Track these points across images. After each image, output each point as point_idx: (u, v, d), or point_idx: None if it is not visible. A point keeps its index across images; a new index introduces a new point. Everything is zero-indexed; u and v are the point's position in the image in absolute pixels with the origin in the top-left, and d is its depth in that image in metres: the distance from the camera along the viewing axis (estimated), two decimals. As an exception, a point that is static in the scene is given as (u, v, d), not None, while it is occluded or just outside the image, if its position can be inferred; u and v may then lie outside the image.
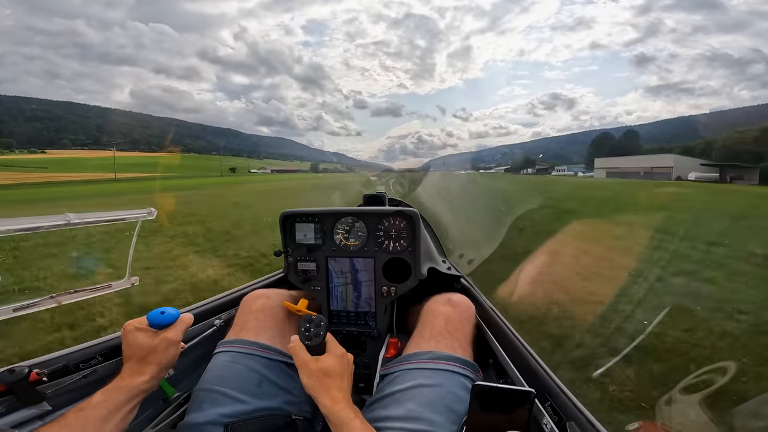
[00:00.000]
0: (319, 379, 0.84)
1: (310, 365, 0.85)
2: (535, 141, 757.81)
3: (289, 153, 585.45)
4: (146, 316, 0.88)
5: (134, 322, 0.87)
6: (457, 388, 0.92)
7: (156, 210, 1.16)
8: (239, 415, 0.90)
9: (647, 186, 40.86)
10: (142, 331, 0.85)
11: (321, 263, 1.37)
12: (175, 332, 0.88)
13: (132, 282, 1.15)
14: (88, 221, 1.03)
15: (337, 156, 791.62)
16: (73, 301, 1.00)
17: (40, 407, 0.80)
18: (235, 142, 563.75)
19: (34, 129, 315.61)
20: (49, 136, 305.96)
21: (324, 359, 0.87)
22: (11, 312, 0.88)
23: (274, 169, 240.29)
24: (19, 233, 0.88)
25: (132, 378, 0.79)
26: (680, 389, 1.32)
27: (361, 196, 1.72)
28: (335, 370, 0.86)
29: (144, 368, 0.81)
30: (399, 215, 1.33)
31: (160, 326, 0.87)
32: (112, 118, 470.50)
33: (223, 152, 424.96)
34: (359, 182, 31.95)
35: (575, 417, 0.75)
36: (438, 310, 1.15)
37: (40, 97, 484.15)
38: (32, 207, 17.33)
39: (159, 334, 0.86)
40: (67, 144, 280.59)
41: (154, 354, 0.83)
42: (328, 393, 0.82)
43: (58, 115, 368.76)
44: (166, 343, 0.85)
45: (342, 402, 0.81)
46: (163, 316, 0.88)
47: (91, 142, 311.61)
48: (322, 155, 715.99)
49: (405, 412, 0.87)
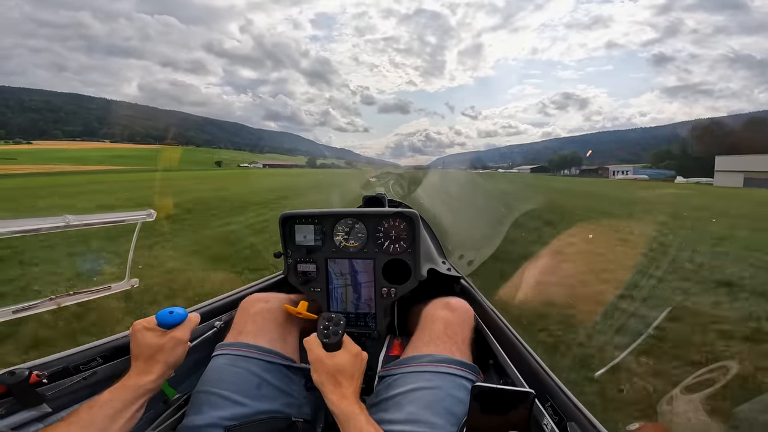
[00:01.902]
0: (330, 375, 0.84)
1: (325, 361, 0.86)
2: (546, 141, 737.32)
3: (294, 148, 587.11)
4: (155, 316, 0.88)
5: (143, 321, 0.87)
6: (457, 391, 0.92)
7: (155, 212, 1.16)
8: (239, 418, 0.90)
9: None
10: (150, 331, 0.86)
11: (321, 265, 1.37)
12: (183, 331, 0.89)
13: (132, 284, 1.15)
14: (87, 223, 1.03)
15: (343, 152, 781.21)
16: (72, 303, 1.01)
17: (40, 409, 0.80)
18: (241, 136, 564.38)
19: (30, 120, 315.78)
20: (44, 126, 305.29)
21: (339, 355, 0.88)
22: (11, 314, 0.88)
23: (267, 164, 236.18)
24: (18, 235, 0.88)
25: (139, 377, 0.80)
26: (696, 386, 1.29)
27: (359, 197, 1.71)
28: (348, 367, 0.86)
29: (152, 367, 0.82)
30: (399, 216, 1.33)
31: (169, 326, 0.88)
32: (116, 110, 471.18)
33: (227, 146, 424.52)
34: (352, 182, 25.69)
35: (575, 417, 0.75)
36: (436, 314, 1.15)
37: (45, 89, 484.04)
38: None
39: (167, 334, 0.86)
40: (59, 135, 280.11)
41: (161, 353, 0.84)
42: (338, 389, 0.83)
43: (58, 106, 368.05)
44: (174, 342, 0.86)
45: (350, 398, 0.82)
46: (171, 315, 0.88)
47: (85, 133, 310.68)
48: (328, 151, 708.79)
49: (405, 415, 0.87)
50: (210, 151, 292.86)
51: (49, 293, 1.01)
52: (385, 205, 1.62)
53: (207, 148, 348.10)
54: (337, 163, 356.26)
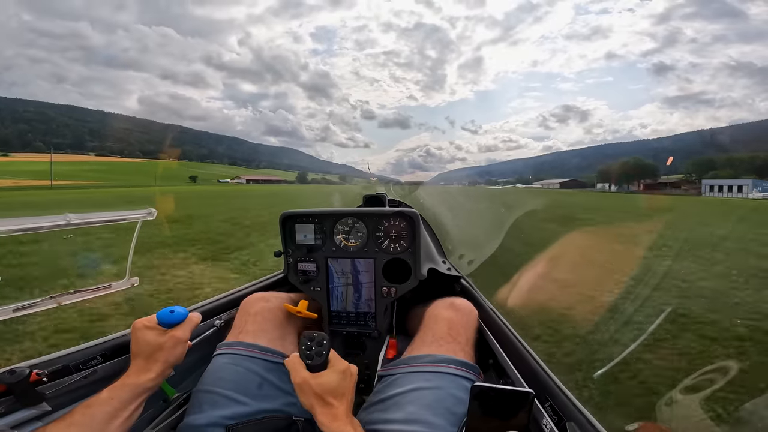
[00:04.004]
0: (318, 398, 0.78)
1: (310, 382, 0.79)
2: (546, 155, 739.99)
3: (292, 163, 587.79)
4: (156, 315, 0.88)
5: (144, 320, 0.87)
6: (457, 391, 0.92)
7: (156, 210, 1.17)
8: (240, 417, 0.90)
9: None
10: (151, 329, 0.86)
11: (321, 264, 1.37)
12: (183, 331, 0.89)
13: (132, 282, 1.15)
14: (88, 221, 1.03)
15: (345, 168, 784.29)
16: (72, 302, 1.00)
17: (39, 408, 0.80)
18: (240, 151, 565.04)
19: (19, 131, 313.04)
20: (30, 138, 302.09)
21: (325, 375, 0.80)
22: (11, 312, 0.87)
23: (250, 179, 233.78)
24: (19, 233, 0.88)
25: (138, 376, 0.80)
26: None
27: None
28: (337, 387, 0.80)
29: (151, 366, 0.82)
30: (399, 216, 1.33)
31: (170, 325, 0.88)
32: (112, 123, 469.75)
33: (222, 160, 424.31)
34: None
35: (575, 417, 0.75)
36: (441, 314, 1.15)
37: (42, 101, 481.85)
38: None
39: (167, 333, 0.87)
40: (41, 147, 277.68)
41: (161, 352, 0.84)
42: (329, 410, 0.77)
43: (51, 117, 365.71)
44: (174, 341, 0.86)
45: (342, 419, 0.77)
46: (172, 315, 0.88)
47: (73, 146, 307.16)
48: (329, 167, 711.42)
49: (405, 415, 0.87)
50: (203, 166, 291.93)
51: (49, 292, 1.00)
52: (385, 205, 1.62)
53: (197, 162, 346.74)
54: (330, 178, 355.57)
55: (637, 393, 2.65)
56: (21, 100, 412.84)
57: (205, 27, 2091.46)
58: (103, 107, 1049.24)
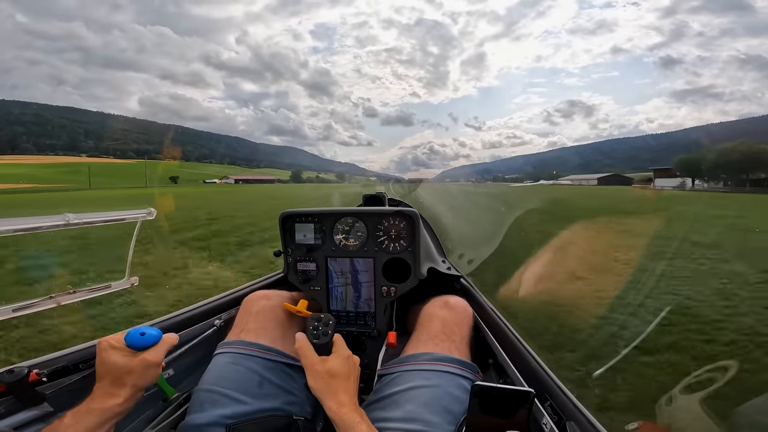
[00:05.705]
0: (325, 382, 0.81)
1: (317, 367, 0.83)
2: (552, 151, 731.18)
3: (294, 162, 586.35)
4: (124, 336, 0.80)
5: (110, 338, 0.79)
6: (455, 389, 0.92)
7: (155, 210, 1.17)
8: (240, 416, 0.90)
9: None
10: (118, 350, 0.77)
11: (321, 263, 1.38)
12: (156, 354, 0.80)
13: (131, 282, 1.15)
14: (88, 221, 1.03)
15: (348, 166, 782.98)
16: (72, 302, 0.99)
17: (41, 408, 0.80)
18: (240, 151, 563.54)
19: (12, 133, 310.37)
20: (20, 140, 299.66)
21: (331, 360, 0.85)
22: (11, 312, 0.87)
23: (239, 179, 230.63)
24: (18, 233, 0.87)
25: (103, 400, 0.72)
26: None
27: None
28: (342, 372, 0.84)
29: (118, 390, 0.74)
30: (399, 215, 1.34)
31: (140, 348, 0.79)
32: (111, 124, 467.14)
33: (222, 160, 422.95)
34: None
35: (575, 417, 0.75)
36: (435, 313, 1.15)
37: (41, 102, 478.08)
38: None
39: (138, 355, 0.78)
40: (29, 149, 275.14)
41: (129, 375, 0.75)
42: (335, 396, 0.80)
43: (47, 119, 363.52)
44: (145, 365, 0.77)
45: (348, 405, 0.79)
46: (143, 337, 0.79)
47: (66, 147, 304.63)
48: (332, 165, 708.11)
49: (403, 413, 0.87)
50: (198, 166, 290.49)
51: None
52: (385, 204, 1.62)
53: (195, 162, 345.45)
54: (326, 177, 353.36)
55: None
56: (19, 102, 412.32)
57: (202, 26, 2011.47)
58: (105, 109, 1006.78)
